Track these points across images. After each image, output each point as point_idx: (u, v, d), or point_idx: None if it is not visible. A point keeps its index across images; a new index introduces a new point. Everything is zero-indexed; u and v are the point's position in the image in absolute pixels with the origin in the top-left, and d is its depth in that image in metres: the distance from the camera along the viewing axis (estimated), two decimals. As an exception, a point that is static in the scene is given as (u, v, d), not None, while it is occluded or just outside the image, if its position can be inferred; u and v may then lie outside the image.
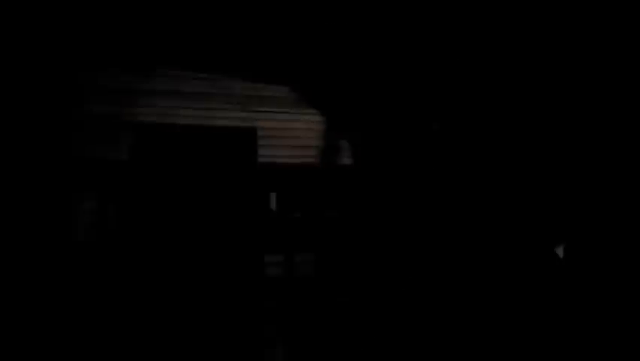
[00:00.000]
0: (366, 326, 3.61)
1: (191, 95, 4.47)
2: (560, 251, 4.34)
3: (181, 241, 4.27)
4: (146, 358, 3.04)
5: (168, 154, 4.37)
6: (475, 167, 5.19)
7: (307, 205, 4.86)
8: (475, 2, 4.27)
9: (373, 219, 5.01)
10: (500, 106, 5.14)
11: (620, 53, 4.09)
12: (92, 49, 4.01)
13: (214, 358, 3.12)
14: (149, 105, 4.29)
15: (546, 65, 4.64)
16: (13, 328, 3.23)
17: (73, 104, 3.99)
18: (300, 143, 4.95)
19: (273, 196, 4.75)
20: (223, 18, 4.11)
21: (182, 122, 4.41)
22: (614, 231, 3.98)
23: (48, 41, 3.84)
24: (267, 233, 4.60)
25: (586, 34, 4.24)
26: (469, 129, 5.34)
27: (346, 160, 5.17)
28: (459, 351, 3.15)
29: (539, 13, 4.27)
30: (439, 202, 5.18)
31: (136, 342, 3.27)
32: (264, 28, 4.38)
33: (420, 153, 5.39)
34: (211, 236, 4.41)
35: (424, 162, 5.36)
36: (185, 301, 3.93)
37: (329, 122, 5.11)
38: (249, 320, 3.79)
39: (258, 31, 4.40)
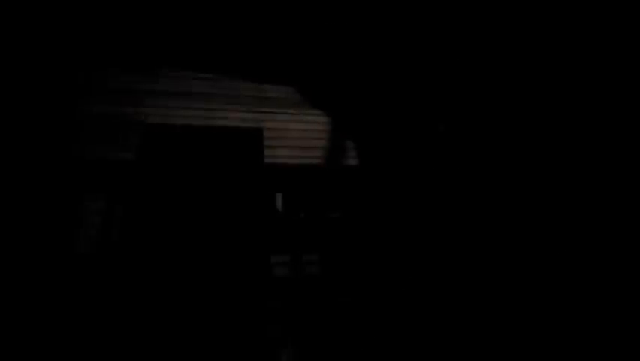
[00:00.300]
0: (368, 326, 3.43)
1: (192, 95, 4.43)
2: (559, 252, 4.26)
3: (188, 241, 4.00)
4: (150, 358, 2.68)
5: (175, 154, 4.24)
6: (480, 168, 5.10)
7: (313, 206, 4.65)
8: (480, 4, 4.41)
9: (378, 219, 4.80)
10: (506, 107, 5.15)
11: (620, 55, 4.17)
12: (94, 49, 4.03)
13: (222, 359, 2.80)
14: (149, 105, 4.22)
15: (550, 67, 4.70)
16: (15, 331, 2.87)
17: (74, 104, 3.92)
18: (304, 144, 4.84)
19: (279, 197, 4.54)
20: (225, 18, 4.19)
21: (182, 123, 4.33)
22: (614, 231, 3.96)
23: (49, 41, 3.86)
24: (274, 233, 4.33)
25: (587, 38, 4.34)
26: (476, 131, 5.30)
27: (352, 161, 5.03)
28: (461, 351, 3.10)
29: (543, 15, 4.39)
30: (444, 203, 5.03)
31: (139, 341, 2.91)
32: (267, 29, 4.46)
33: (426, 154, 5.30)
34: (219, 236, 4.14)
35: (430, 163, 5.26)
36: (191, 302, 3.58)
37: (334, 123, 5.05)
38: (257, 321, 3.44)
39: (262, 32, 4.48)
